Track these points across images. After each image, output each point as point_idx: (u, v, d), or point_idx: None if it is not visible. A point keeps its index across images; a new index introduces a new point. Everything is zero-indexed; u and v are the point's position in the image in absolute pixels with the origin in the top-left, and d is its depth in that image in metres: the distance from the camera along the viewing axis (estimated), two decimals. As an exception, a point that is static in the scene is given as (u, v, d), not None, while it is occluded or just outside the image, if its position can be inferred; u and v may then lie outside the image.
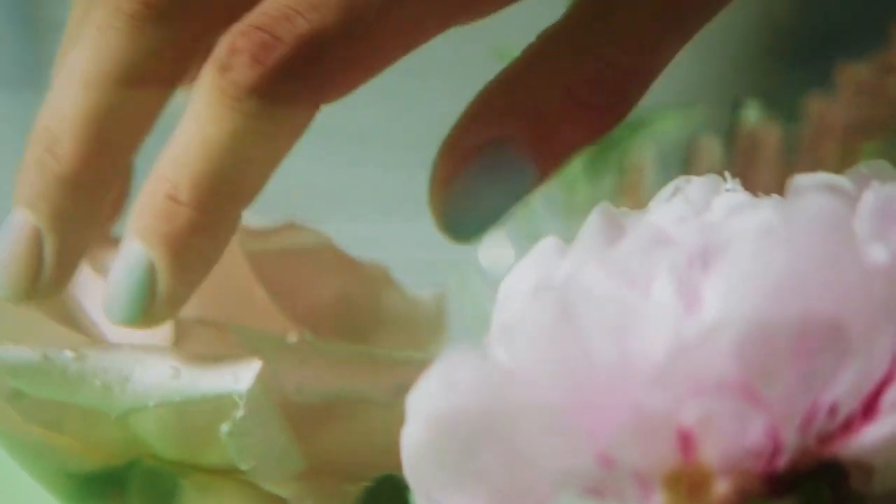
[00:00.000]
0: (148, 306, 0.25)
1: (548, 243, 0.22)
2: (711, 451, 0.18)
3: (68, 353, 0.26)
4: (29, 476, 0.28)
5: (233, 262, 0.28)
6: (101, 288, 0.27)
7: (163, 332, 0.26)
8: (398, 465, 0.20)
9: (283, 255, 0.29)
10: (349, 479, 0.27)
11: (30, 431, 0.27)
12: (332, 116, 0.26)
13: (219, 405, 0.25)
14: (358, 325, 0.29)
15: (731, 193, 0.21)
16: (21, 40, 0.55)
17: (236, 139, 0.25)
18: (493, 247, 0.43)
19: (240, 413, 0.25)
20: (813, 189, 0.19)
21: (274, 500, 0.26)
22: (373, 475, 0.25)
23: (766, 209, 0.19)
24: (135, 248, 0.25)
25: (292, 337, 0.26)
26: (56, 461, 0.27)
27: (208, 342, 0.26)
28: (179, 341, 0.26)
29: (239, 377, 0.25)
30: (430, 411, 0.19)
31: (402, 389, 0.20)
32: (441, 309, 0.32)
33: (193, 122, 0.25)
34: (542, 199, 0.33)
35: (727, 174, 0.22)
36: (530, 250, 0.22)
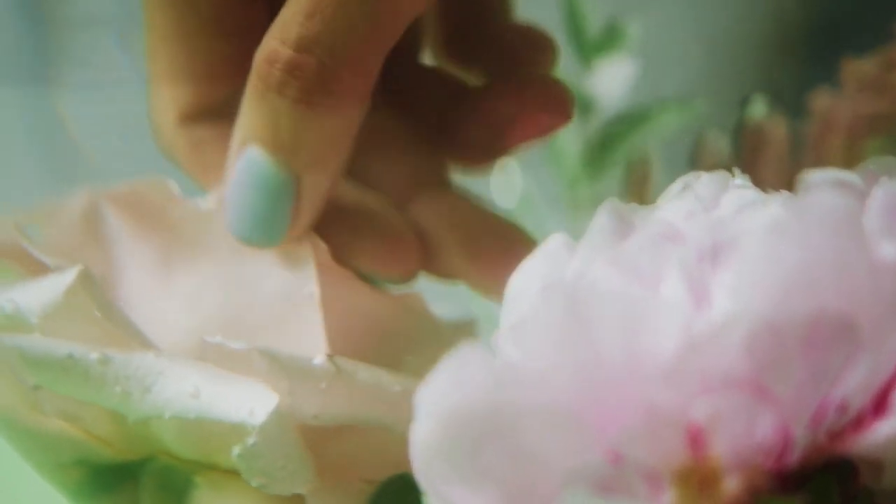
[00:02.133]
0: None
1: (556, 240, 0.22)
2: (721, 448, 0.18)
3: (93, 355, 0.25)
4: (35, 469, 0.28)
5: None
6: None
7: (189, 346, 0.26)
8: (410, 466, 0.20)
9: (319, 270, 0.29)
10: (363, 478, 0.27)
11: (45, 421, 0.27)
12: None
13: (233, 427, 0.25)
14: (387, 348, 0.29)
15: (740, 190, 0.21)
16: (31, 36, 0.55)
17: None
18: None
19: (251, 440, 0.25)
20: (823, 186, 0.19)
21: (289, 497, 0.26)
22: (386, 475, 0.25)
23: (775, 206, 0.19)
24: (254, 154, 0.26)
25: (318, 358, 0.26)
26: (71, 451, 0.27)
27: (232, 361, 0.26)
28: (204, 356, 0.26)
29: (254, 411, 0.25)
30: (438, 408, 0.19)
31: None
32: (472, 338, 0.32)
33: None
34: (544, 197, 0.33)
35: (736, 170, 0.22)
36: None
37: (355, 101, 0.26)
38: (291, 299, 0.27)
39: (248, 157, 0.27)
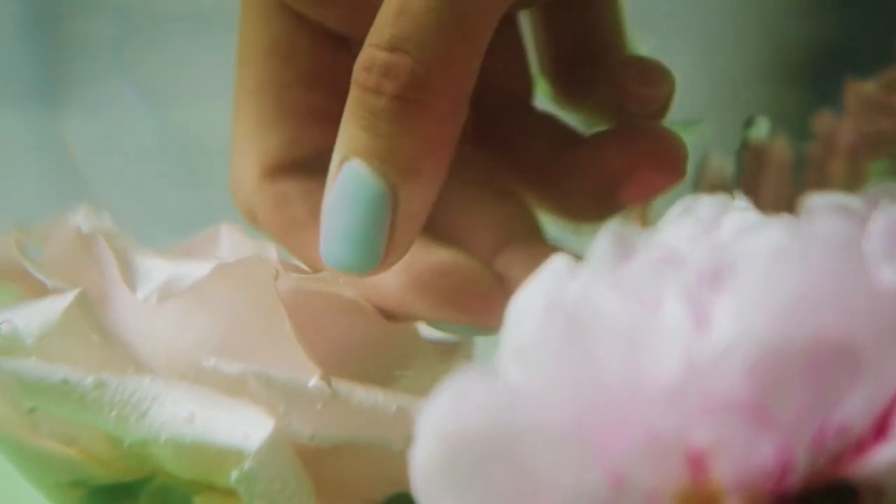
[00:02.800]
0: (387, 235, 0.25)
1: (558, 262, 0.22)
2: (722, 472, 0.18)
3: (88, 380, 0.26)
4: (35, 487, 0.28)
5: (265, 294, 0.27)
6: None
7: (181, 367, 0.26)
8: (409, 486, 0.20)
9: (313, 296, 0.29)
10: (361, 498, 0.27)
11: (42, 442, 0.27)
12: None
13: (230, 450, 0.25)
14: (383, 365, 0.29)
15: (741, 212, 0.21)
16: (39, 56, 0.55)
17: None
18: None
19: (247, 465, 0.25)
20: (825, 210, 0.19)
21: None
22: (384, 494, 0.25)
23: (777, 229, 0.19)
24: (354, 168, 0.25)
25: (314, 381, 0.26)
26: (68, 472, 0.27)
27: (227, 383, 0.26)
28: (198, 379, 0.26)
29: (249, 436, 0.25)
30: (440, 430, 0.19)
31: None
32: (467, 356, 0.32)
33: None
34: (551, 218, 0.32)
35: (737, 192, 0.22)
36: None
37: (451, 101, 0.26)
38: (269, 334, 0.27)
39: (344, 172, 0.26)
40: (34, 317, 0.26)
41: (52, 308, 0.26)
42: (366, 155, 0.26)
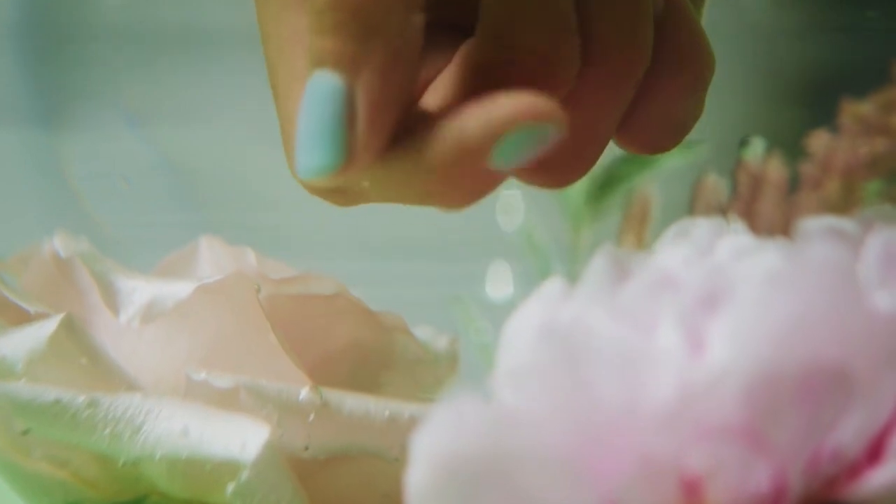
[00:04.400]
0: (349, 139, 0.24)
1: (553, 284, 0.22)
2: (717, 496, 0.18)
3: (80, 399, 0.26)
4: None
5: (248, 309, 0.27)
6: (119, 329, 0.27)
7: (175, 384, 0.26)
8: (402, 497, 0.20)
9: (298, 301, 0.29)
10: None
11: (35, 464, 0.27)
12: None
13: (224, 463, 0.25)
14: (370, 369, 0.29)
15: (736, 236, 0.21)
16: (33, 78, 0.55)
17: None
18: (496, 283, 0.43)
19: (245, 475, 0.25)
20: (819, 234, 0.19)
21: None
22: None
23: (771, 254, 0.19)
24: (321, 77, 0.25)
25: (304, 391, 0.26)
26: (62, 495, 0.27)
27: (219, 396, 0.26)
28: (189, 393, 0.26)
29: (246, 446, 0.25)
30: (434, 453, 0.19)
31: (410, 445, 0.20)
32: (454, 354, 0.32)
33: None
34: (549, 241, 0.33)
35: (731, 215, 0.22)
36: (535, 290, 0.22)
37: None
38: (255, 348, 0.27)
39: (307, 84, 0.25)
40: (20, 343, 0.26)
41: (38, 333, 0.26)
42: (319, 57, 0.25)
